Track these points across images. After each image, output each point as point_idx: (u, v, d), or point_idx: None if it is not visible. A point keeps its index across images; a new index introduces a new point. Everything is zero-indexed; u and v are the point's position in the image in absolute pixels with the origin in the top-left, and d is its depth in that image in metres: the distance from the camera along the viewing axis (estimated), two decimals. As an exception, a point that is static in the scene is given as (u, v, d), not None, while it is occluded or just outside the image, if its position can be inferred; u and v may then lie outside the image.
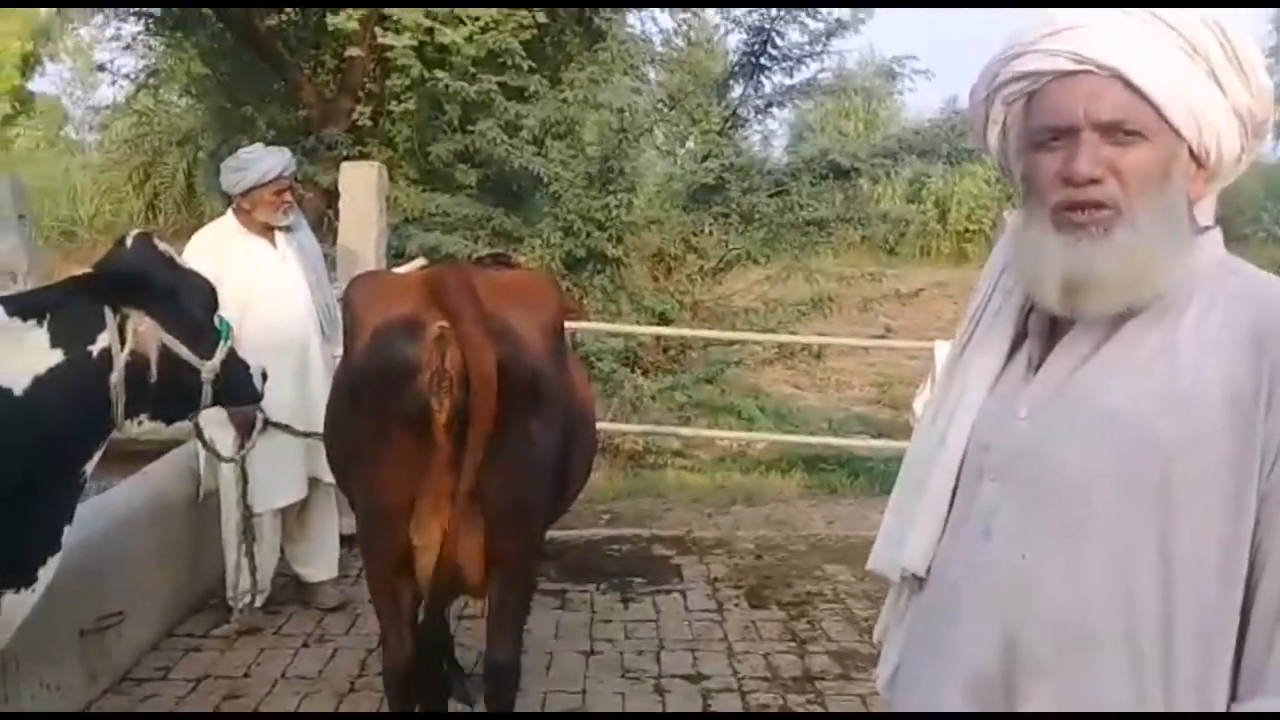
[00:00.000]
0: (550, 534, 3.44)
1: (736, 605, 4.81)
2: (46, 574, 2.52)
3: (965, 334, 1.42)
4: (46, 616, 3.29)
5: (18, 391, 2.40)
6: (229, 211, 4.49)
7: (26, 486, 2.42)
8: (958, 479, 1.35)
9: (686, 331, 8.44)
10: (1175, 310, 1.24)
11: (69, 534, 2.61)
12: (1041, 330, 1.34)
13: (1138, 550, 1.20)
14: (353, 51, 9.31)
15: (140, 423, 2.70)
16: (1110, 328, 1.27)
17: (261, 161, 4.35)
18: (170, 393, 2.72)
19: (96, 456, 2.61)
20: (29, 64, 21.39)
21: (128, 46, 12.17)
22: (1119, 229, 1.23)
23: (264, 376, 3.19)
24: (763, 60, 9.49)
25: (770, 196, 8.88)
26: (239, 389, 3.00)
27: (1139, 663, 1.20)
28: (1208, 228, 1.31)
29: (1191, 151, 1.26)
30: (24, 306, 2.49)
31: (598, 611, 4.70)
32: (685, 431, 8.02)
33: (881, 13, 9.90)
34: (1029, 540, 1.26)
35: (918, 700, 1.37)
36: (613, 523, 6.17)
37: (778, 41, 9.41)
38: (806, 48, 9.51)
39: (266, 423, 4.24)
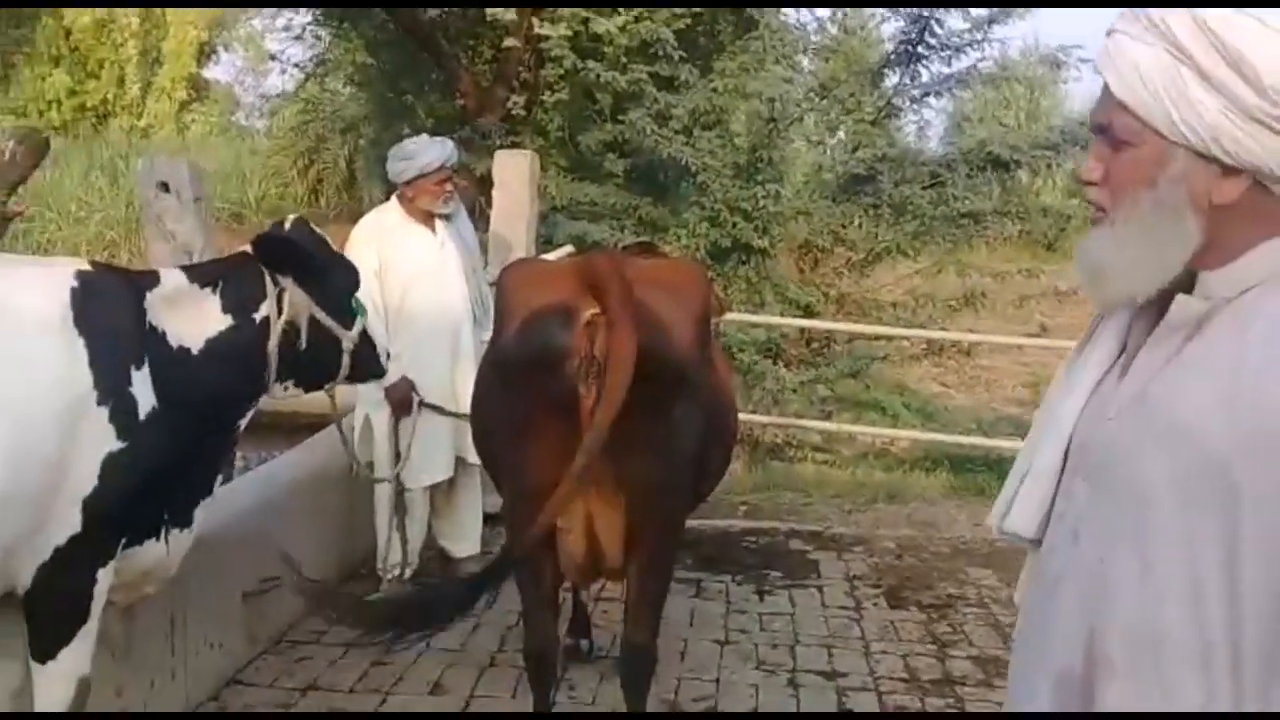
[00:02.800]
0: (687, 523, 3.45)
1: (875, 604, 4.74)
2: (199, 517, 2.79)
3: (1085, 338, 1.45)
4: (214, 578, 3.51)
5: (195, 350, 2.67)
6: (393, 198, 4.65)
7: (196, 438, 2.67)
8: (1061, 472, 1.38)
9: (831, 324, 8.34)
10: (1248, 315, 1.22)
11: (235, 498, 2.77)
12: (1140, 335, 1.35)
13: (1202, 559, 1.19)
14: (509, 42, 9.50)
15: (286, 388, 2.93)
16: (1190, 332, 1.26)
17: (425, 152, 4.49)
18: (315, 361, 2.94)
19: (249, 414, 2.86)
20: (204, 53, 22.49)
21: (298, 36, 12.75)
22: (1100, 228, 1.32)
23: (388, 355, 3.38)
24: (920, 49, 9.28)
25: (924, 188, 8.71)
26: (369, 363, 3.19)
27: (1208, 671, 1.18)
28: None
29: (1202, 154, 1.23)
30: (201, 275, 2.79)
31: (733, 602, 4.70)
32: (827, 426, 7.93)
33: (1047, -2, 9.52)
34: (1107, 544, 1.27)
35: (1018, 692, 1.42)
36: (750, 514, 6.16)
37: (936, 29, 9.20)
38: (967, 35, 9.27)
39: (421, 404, 4.41)
